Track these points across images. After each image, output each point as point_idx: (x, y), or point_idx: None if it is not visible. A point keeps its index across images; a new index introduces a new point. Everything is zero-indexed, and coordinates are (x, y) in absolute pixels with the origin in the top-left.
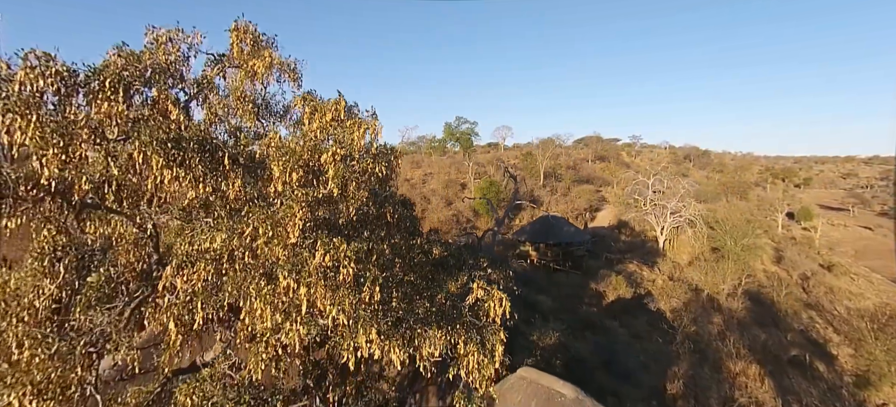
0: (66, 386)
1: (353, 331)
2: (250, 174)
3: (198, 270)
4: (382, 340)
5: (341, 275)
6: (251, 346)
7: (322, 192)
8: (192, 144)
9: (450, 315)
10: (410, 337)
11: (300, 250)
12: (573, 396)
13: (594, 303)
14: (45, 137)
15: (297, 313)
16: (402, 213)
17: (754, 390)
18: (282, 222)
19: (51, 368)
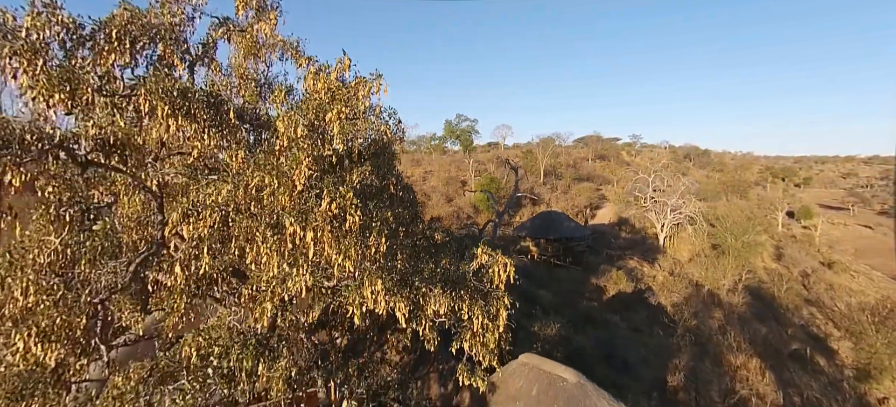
0: (72, 331)
1: (359, 283)
2: (256, 133)
3: (203, 217)
4: (388, 297)
5: (347, 223)
6: (257, 295)
7: (328, 150)
8: (198, 96)
9: (454, 279)
10: (415, 296)
11: (306, 198)
12: (575, 380)
13: (595, 297)
14: (51, 81)
15: (304, 260)
16: (404, 193)
17: (755, 383)
18: (287, 174)
19: (56, 315)
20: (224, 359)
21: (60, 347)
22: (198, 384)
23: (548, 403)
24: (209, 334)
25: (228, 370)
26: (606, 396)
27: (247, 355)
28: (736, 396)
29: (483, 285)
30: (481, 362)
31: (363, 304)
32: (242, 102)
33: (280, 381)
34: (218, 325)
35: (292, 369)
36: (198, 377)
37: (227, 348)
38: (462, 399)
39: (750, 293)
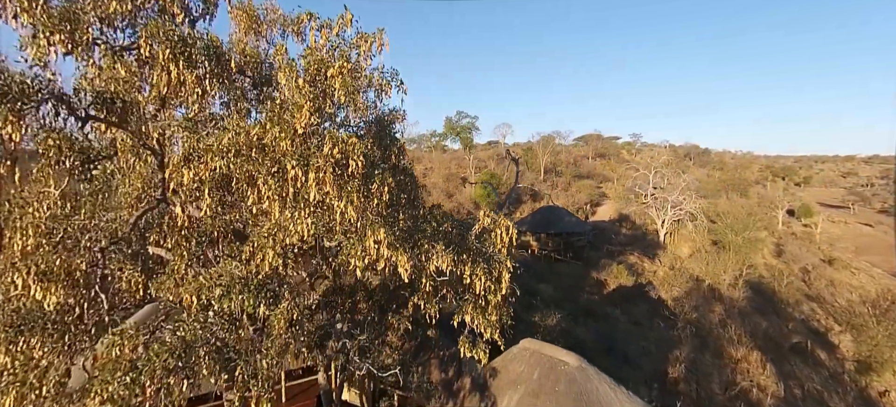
0: (71, 273)
1: (361, 235)
2: (257, 89)
3: (205, 160)
4: (390, 251)
5: (350, 168)
6: (258, 240)
7: (330, 107)
8: (198, 45)
9: (456, 241)
10: (418, 252)
11: (308, 144)
12: (576, 364)
13: (595, 291)
14: (52, 19)
15: (306, 204)
16: (405, 172)
17: (756, 376)
18: (288, 121)
19: (55, 257)
20: (225, 298)
21: (60, 288)
22: (198, 325)
23: (549, 386)
24: (210, 277)
25: (230, 313)
26: (607, 379)
27: (248, 296)
28: (737, 388)
29: (485, 249)
30: (483, 335)
31: (365, 256)
32: (243, 58)
33: (281, 320)
34: (220, 270)
35: (294, 312)
36: (198, 318)
37: (229, 288)
38: (463, 384)
39: (750, 288)
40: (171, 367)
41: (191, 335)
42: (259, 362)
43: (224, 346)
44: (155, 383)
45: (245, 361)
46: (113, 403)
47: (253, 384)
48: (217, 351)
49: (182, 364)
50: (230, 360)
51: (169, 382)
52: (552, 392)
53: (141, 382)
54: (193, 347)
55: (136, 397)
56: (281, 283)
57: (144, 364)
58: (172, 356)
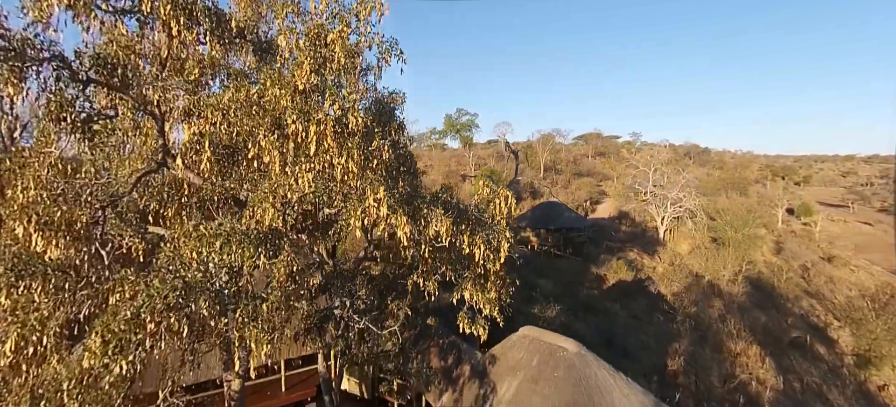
0: (72, 224)
1: (361, 194)
2: (257, 54)
3: (205, 115)
4: (390, 213)
5: (351, 124)
6: (258, 197)
7: (331, 73)
8: (200, 4)
9: (455, 209)
10: (417, 216)
11: (308, 101)
12: (575, 350)
13: (595, 286)
14: None
15: (307, 160)
16: (404, 149)
17: (755, 369)
18: (289, 80)
19: (56, 208)
20: (226, 247)
21: (61, 240)
22: (199, 274)
23: (548, 372)
24: (211, 229)
25: (230, 266)
26: (606, 366)
27: (248, 245)
28: (736, 381)
29: (484, 218)
30: (482, 311)
31: (365, 217)
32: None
33: (282, 270)
34: (220, 222)
35: (294, 264)
36: (199, 268)
37: (229, 237)
38: (462, 371)
39: (750, 284)
40: (172, 303)
41: (192, 279)
42: (259, 306)
43: (224, 291)
44: (155, 319)
45: (244, 305)
46: (114, 338)
47: (253, 326)
48: (216, 295)
49: (183, 301)
50: (230, 305)
51: (169, 318)
52: (551, 378)
53: (142, 318)
54: (194, 289)
55: (137, 335)
56: (280, 237)
57: (145, 300)
58: (173, 293)
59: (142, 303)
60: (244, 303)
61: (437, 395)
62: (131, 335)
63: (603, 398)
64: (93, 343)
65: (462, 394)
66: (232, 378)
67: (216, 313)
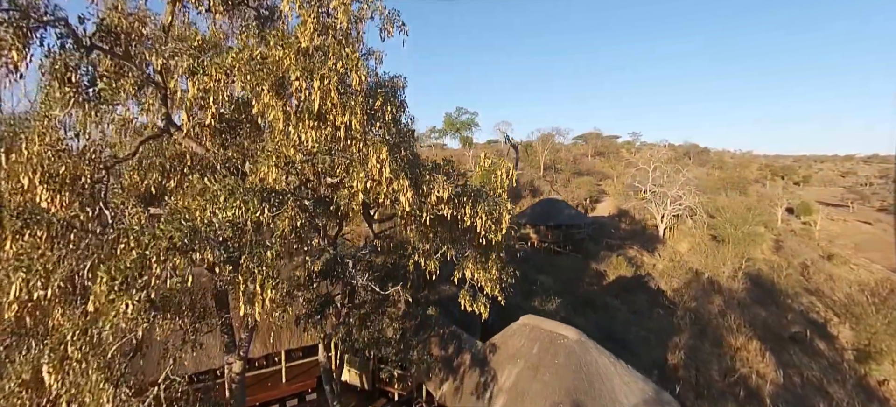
0: (76, 178)
1: (363, 157)
2: (260, 19)
3: (209, 73)
4: (392, 177)
5: (353, 81)
6: (261, 157)
7: (332, 39)
8: None
9: (456, 180)
10: (418, 182)
11: (312, 59)
12: (575, 338)
13: (595, 282)
14: None
15: (310, 117)
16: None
17: (755, 364)
18: (293, 42)
19: (60, 163)
20: (230, 199)
21: (66, 193)
22: (203, 224)
23: (549, 359)
24: (215, 181)
25: (234, 222)
26: (607, 353)
27: (252, 198)
28: (736, 375)
29: (485, 190)
30: (483, 289)
31: (367, 180)
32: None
33: (286, 222)
34: (225, 176)
35: (298, 219)
36: (204, 220)
37: (233, 190)
38: (463, 360)
39: (750, 280)
40: (177, 244)
41: (198, 225)
42: (264, 254)
43: (228, 242)
44: (161, 260)
45: (249, 253)
46: (120, 275)
47: (258, 271)
48: (221, 243)
49: (188, 243)
50: (234, 253)
51: (175, 259)
52: (552, 365)
53: (147, 258)
54: (199, 233)
55: (143, 276)
56: (284, 195)
57: (151, 241)
58: (178, 234)
59: (147, 243)
60: (248, 250)
61: (437, 384)
62: (136, 272)
63: (603, 385)
64: (98, 286)
65: (462, 382)
66: (233, 360)
67: (221, 261)
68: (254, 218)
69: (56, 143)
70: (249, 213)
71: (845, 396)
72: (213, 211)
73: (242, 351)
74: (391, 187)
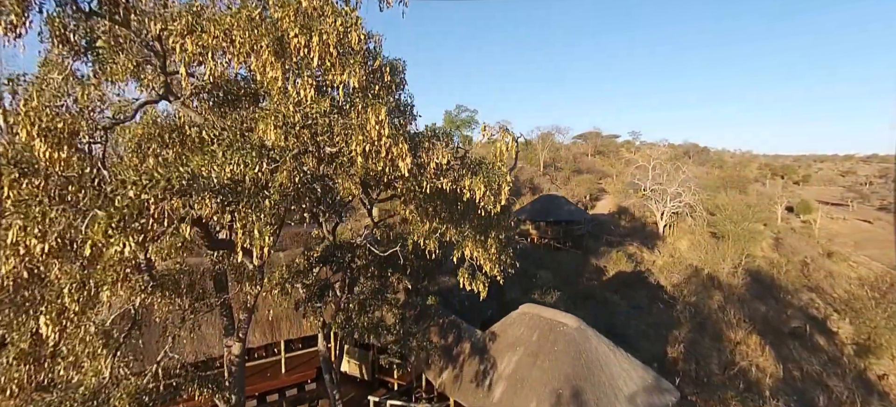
0: (74, 133)
1: (362, 121)
2: None
3: (207, 30)
4: (391, 141)
5: (352, 39)
6: (260, 113)
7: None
8: None
9: (455, 148)
10: (417, 147)
11: (310, 17)
12: (575, 325)
13: (594, 278)
14: None
15: (310, 74)
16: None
17: (754, 358)
18: (291, 1)
19: (58, 120)
20: (228, 152)
21: (64, 149)
22: (202, 174)
23: (548, 346)
24: (213, 132)
25: (233, 175)
26: (606, 341)
27: (249, 150)
28: (735, 368)
29: (485, 162)
30: (482, 267)
31: (366, 143)
32: None
33: (284, 175)
34: (224, 128)
35: (297, 175)
36: (203, 174)
37: (231, 143)
38: (462, 349)
39: (750, 276)
40: (176, 187)
41: (197, 171)
42: (262, 202)
43: (225, 188)
44: (158, 200)
45: (246, 200)
46: (118, 213)
47: (256, 216)
48: (220, 191)
49: (186, 186)
50: (231, 202)
51: (172, 202)
52: (551, 352)
53: (144, 200)
54: (198, 178)
55: (141, 219)
56: (283, 151)
57: (147, 182)
58: (176, 176)
59: (145, 184)
60: (246, 198)
61: (436, 372)
62: (134, 211)
63: (603, 371)
64: (94, 226)
65: (462, 371)
66: (232, 343)
67: (219, 209)
68: (252, 174)
69: (54, 100)
70: (248, 168)
71: (845, 389)
72: (210, 168)
73: (241, 333)
74: (390, 153)
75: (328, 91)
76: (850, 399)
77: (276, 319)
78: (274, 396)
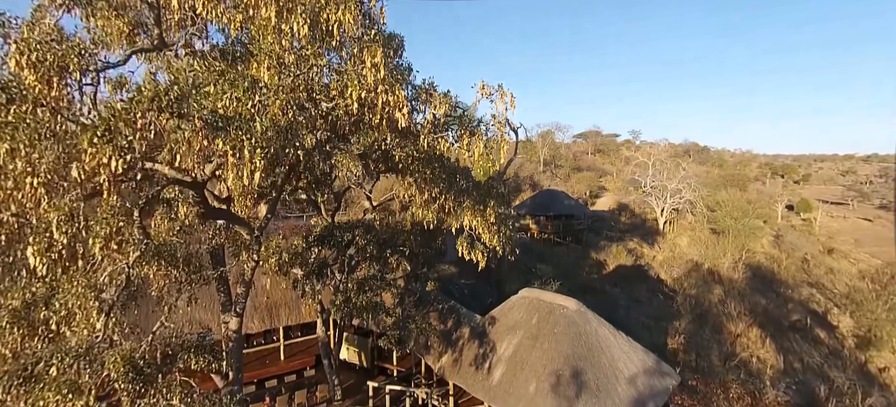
0: (64, 68)
1: (359, 66)
2: None
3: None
4: (387, 89)
5: None
6: (255, 50)
7: None
8: None
9: (453, 107)
10: (418, 102)
11: None
12: (575, 308)
13: (595, 272)
14: None
15: (303, 10)
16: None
17: (755, 350)
18: None
19: (50, 53)
20: (219, 80)
21: (55, 79)
22: (193, 105)
23: (548, 329)
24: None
25: (225, 109)
26: (607, 324)
27: (241, 83)
28: (736, 359)
29: (484, 121)
30: (480, 236)
31: (363, 90)
32: None
33: (276, 107)
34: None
35: (290, 110)
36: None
37: (222, 73)
38: (462, 333)
39: (750, 270)
40: (163, 104)
41: (185, 91)
42: (253, 126)
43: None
44: (145, 110)
45: (237, 126)
46: (103, 124)
47: (248, 140)
48: (211, 116)
49: (174, 104)
50: (222, 128)
51: (160, 117)
52: (551, 334)
53: (132, 114)
54: (186, 98)
55: (127, 138)
56: (277, 88)
57: (136, 95)
58: (164, 94)
59: (132, 98)
60: (237, 123)
61: (436, 357)
62: (121, 124)
63: (603, 353)
64: (82, 136)
65: (462, 354)
66: (229, 319)
67: (209, 136)
68: (245, 109)
69: (46, 35)
70: (241, 104)
71: (846, 380)
72: (202, 104)
73: (238, 308)
74: (387, 105)
75: (323, 36)
76: (851, 390)
77: (275, 305)
78: (272, 382)
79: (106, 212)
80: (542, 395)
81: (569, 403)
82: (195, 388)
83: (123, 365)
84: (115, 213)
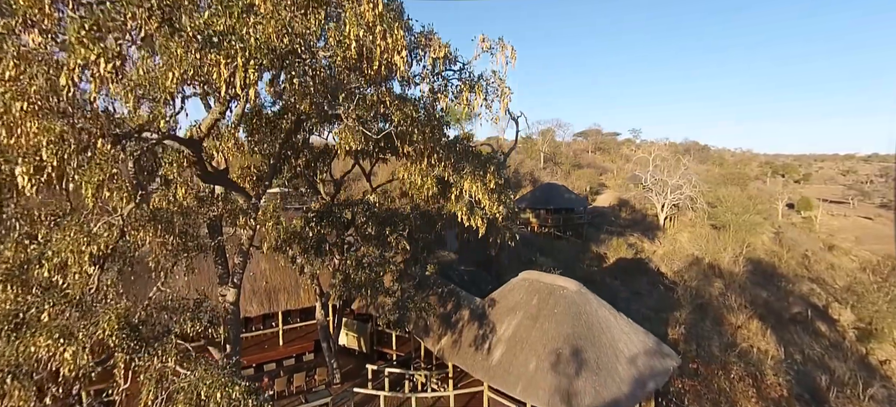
0: None
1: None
2: None
3: None
4: (386, 27)
5: None
6: None
7: None
8: None
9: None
10: (417, 47)
11: None
12: (575, 289)
13: (595, 264)
14: None
15: None
16: None
17: (755, 341)
18: None
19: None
20: (213, 8)
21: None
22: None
23: (548, 310)
24: None
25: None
26: (607, 305)
27: (235, 7)
28: (736, 350)
29: (484, 76)
30: (480, 201)
31: (360, 27)
32: None
33: (271, 28)
34: None
35: (286, 35)
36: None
37: None
38: (461, 316)
39: (751, 264)
40: (154, 9)
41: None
42: (247, 39)
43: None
44: (137, 7)
45: (229, 39)
46: (92, 20)
47: (240, 50)
48: (202, 29)
49: (167, 10)
50: (215, 45)
51: (152, 23)
52: (551, 314)
53: (122, 17)
54: (177, 10)
55: (116, 31)
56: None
57: None
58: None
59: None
60: (230, 37)
61: (435, 339)
62: (108, 21)
63: (604, 333)
64: (71, 29)
65: (461, 336)
66: (227, 291)
67: (201, 50)
68: (241, 31)
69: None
70: (235, 20)
71: (847, 371)
72: (196, 24)
73: (236, 278)
74: (386, 51)
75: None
76: (852, 380)
77: (274, 290)
78: (271, 365)
79: (100, 158)
80: (543, 373)
81: (569, 380)
82: (191, 351)
83: (118, 321)
84: (108, 159)
